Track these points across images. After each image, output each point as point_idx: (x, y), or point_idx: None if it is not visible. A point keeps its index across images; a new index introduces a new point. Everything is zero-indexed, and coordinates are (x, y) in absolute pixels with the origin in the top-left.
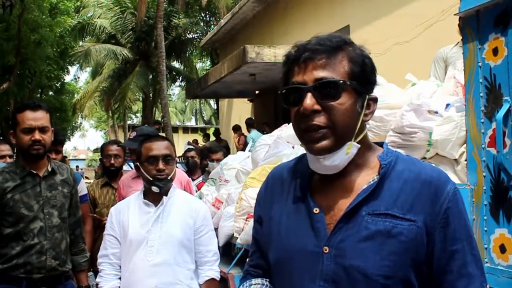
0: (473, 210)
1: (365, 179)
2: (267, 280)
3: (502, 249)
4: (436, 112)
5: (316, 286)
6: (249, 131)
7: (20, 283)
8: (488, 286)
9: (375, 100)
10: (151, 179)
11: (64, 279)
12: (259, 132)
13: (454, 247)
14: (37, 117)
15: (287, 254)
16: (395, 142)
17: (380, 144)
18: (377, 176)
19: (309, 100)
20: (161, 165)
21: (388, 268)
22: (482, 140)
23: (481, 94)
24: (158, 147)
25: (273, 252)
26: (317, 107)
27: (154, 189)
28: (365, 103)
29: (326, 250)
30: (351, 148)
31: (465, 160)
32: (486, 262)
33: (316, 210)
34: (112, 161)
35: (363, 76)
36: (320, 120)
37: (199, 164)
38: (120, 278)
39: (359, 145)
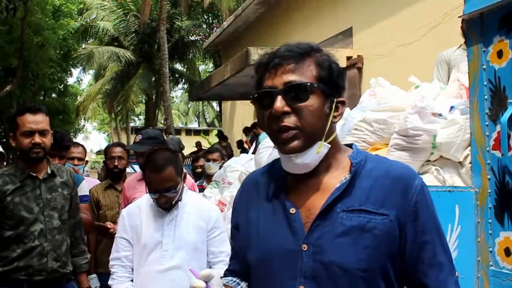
0: (477, 213)
1: (337, 178)
2: (238, 279)
3: (507, 252)
4: (440, 115)
5: (297, 284)
6: (258, 134)
7: (21, 285)
8: (457, 273)
9: (343, 103)
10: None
11: (65, 281)
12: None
13: (424, 238)
14: (37, 120)
15: (266, 254)
16: (399, 144)
17: (350, 146)
18: (349, 175)
19: (279, 103)
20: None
21: (364, 262)
22: (486, 143)
23: (485, 97)
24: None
25: (252, 254)
26: (286, 109)
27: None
28: (334, 105)
29: (304, 247)
30: (321, 148)
31: (470, 163)
32: (491, 266)
33: (292, 210)
34: (116, 163)
35: (331, 79)
36: (289, 121)
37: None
38: (132, 281)
39: (329, 145)
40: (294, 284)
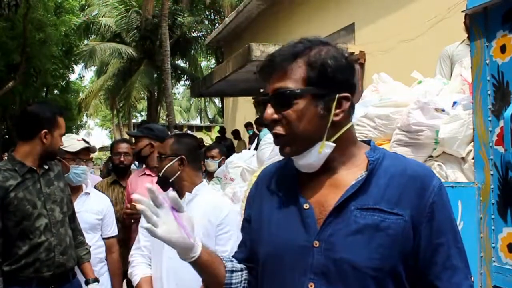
0: (480, 209)
1: (353, 175)
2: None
3: (510, 248)
4: (443, 110)
5: (306, 280)
6: (260, 130)
7: (30, 283)
8: (472, 277)
9: (347, 98)
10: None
11: (72, 276)
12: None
13: (439, 240)
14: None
15: (277, 249)
16: (401, 140)
17: (368, 142)
18: (365, 172)
19: (268, 111)
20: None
21: (376, 261)
22: (489, 139)
23: (488, 92)
24: (160, 145)
25: (263, 247)
26: (275, 116)
27: None
28: (334, 103)
29: (316, 244)
30: (323, 148)
31: (472, 159)
32: (494, 262)
33: (306, 206)
34: (122, 159)
35: (323, 78)
36: (278, 128)
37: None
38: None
39: (334, 144)
40: (304, 280)
